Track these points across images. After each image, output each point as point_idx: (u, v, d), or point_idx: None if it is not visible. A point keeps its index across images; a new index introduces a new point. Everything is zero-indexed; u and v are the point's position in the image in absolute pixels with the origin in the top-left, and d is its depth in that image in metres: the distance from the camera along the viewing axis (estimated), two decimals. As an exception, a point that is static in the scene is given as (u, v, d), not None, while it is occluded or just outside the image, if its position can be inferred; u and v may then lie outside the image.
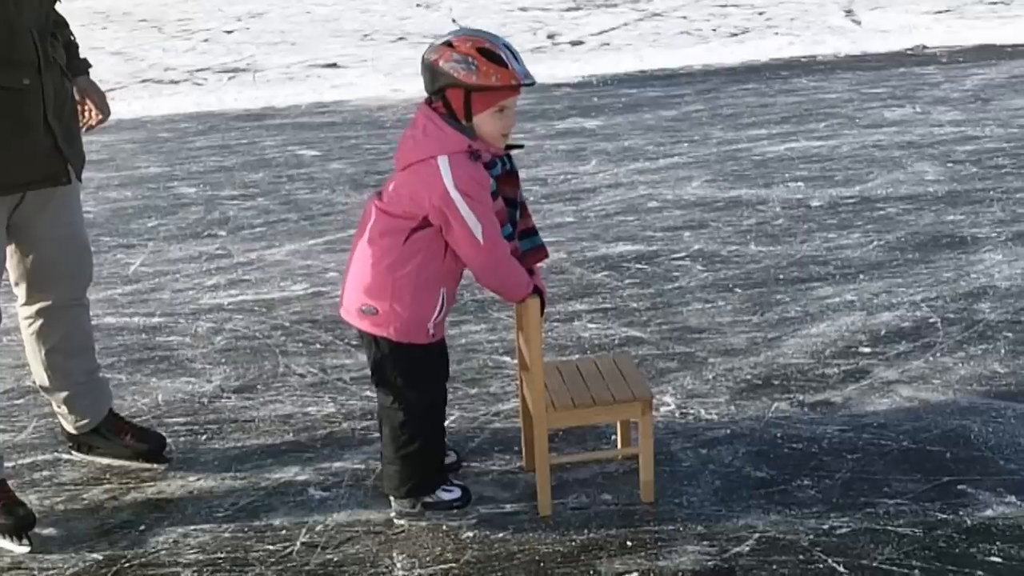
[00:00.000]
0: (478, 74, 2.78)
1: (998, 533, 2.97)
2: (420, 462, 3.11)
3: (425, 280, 2.92)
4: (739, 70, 9.83)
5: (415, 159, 2.86)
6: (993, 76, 8.79)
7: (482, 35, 2.86)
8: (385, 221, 2.92)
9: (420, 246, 2.88)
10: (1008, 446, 3.40)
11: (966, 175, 6.19)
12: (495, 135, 2.89)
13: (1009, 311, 4.37)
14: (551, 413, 3.09)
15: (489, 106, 2.83)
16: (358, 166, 7.22)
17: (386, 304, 2.92)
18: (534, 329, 3.01)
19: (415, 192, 2.86)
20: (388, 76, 10.63)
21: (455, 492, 3.21)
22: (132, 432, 3.55)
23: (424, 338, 2.99)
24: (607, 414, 3.20)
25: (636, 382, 3.21)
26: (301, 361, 4.28)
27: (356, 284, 3.00)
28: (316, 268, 5.34)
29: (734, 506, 3.17)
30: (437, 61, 2.82)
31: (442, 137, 2.83)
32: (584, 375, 3.25)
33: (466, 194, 2.80)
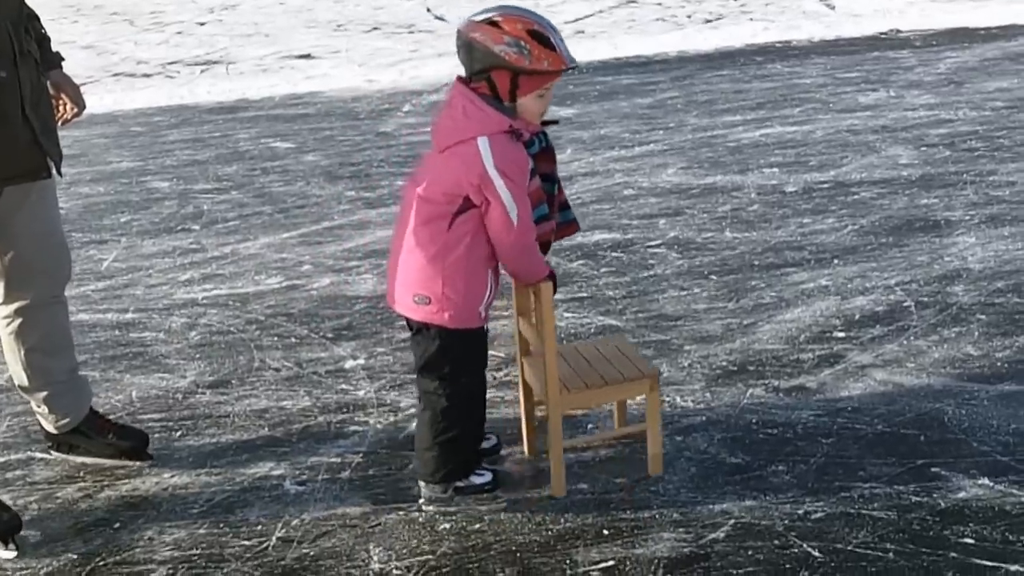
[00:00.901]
0: (531, 58, 2.76)
1: (971, 515, 2.99)
2: (458, 448, 3.11)
3: (474, 264, 2.92)
4: (714, 56, 9.85)
5: (455, 140, 2.83)
6: (966, 59, 8.83)
7: (526, 14, 2.81)
8: (427, 209, 2.89)
9: (465, 230, 2.87)
10: (981, 428, 3.42)
11: (939, 158, 6.22)
12: (535, 115, 2.88)
13: (982, 294, 4.39)
14: (564, 396, 3.12)
15: (535, 88, 2.82)
16: (332, 158, 7.19)
17: (438, 292, 2.92)
18: (548, 313, 3.01)
19: (454, 173, 2.83)
20: (362, 67, 10.58)
21: (486, 476, 3.20)
22: (114, 430, 3.51)
23: (476, 322, 3.00)
24: (617, 393, 3.25)
25: (639, 361, 3.27)
26: (276, 355, 4.26)
27: (406, 275, 2.98)
28: (291, 261, 5.31)
29: (709, 492, 3.17)
30: (484, 42, 2.77)
31: (483, 118, 2.80)
32: (587, 358, 3.29)
33: (505, 174, 2.79)
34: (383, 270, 5.09)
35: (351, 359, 4.17)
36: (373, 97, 9.09)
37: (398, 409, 3.76)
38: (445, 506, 3.16)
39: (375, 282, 4.95)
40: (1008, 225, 5.12)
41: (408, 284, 2.97)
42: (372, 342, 4.31)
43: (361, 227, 5.74)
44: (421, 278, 2.93)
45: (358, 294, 4.83)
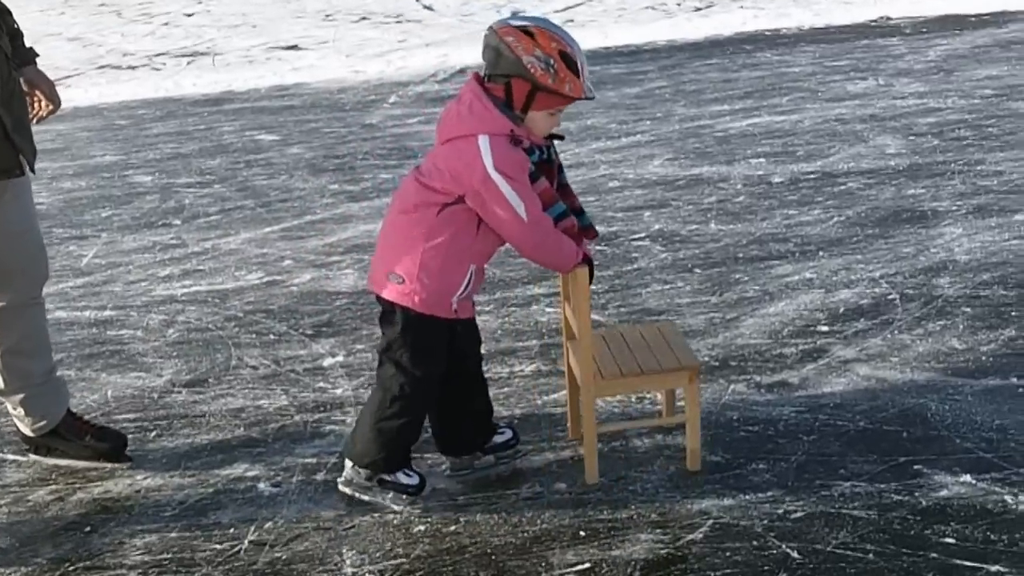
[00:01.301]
0: (555, 78, 2.79)
1: (952, 514, 2.95)
2: (395, 439, 3.08)
3: (455, 254, 2.90)
4: (703, 45, 9.78)
5: (456, 134, 2.85)
6: (956, 46, 8.77)
7: (561, 34, 2.83)
8: (422, 194, 2.89)
9: (453, 220, 2.87)
10: (964, 424, 3.38)
11: (927, 148, 6.17)
12: (542, 130, 2.90)
13: (968, 286, 4.35)
14: (599, 382, 3.10)
15: (549, 107, 2.85)
16: (317, 150, 7.12)
17: (414, 273, 2.90)
18: (583, 298, 3.00)
19: (455, 169, 2.84)
20: (349, 57, 10.49)
21: (414, 478, 3.17)
22: (92, 431, 3.46)
23: (446, 312, 2.96)
24: (654, 383, 3.23)
25: (682, 350, 3.21)
26: (254, 353, 4.20)
27: (386, 253, 2.99)
28: (272, 256, 5.25)
29: (688, 492, 3.13)
30: (516, 49, 2.78)
31: (487, 117, 2.81)
32: (630, 344, 3.26)
33: (506, 174, 2.79)
34: (365, 265, 5.04)
35: (330, 356, 4.12)
36: (359, 88, 9.02)
37: (376, 408, 3.71)
38: (360, 493, 3.13)
39: (356, 277, 4.90)
40: (995, 216, 5.07)
41: (386, 261, 2.97)
42: (351, 339, 4.26)
43: (343, 221, 5.69)
44: (399, 257, 2.92)
45: (339, 290, 4.78)
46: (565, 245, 2.94)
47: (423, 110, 8.06)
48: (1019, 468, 3.13)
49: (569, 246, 2.95)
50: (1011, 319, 4.03)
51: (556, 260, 2.99)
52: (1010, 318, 4.04)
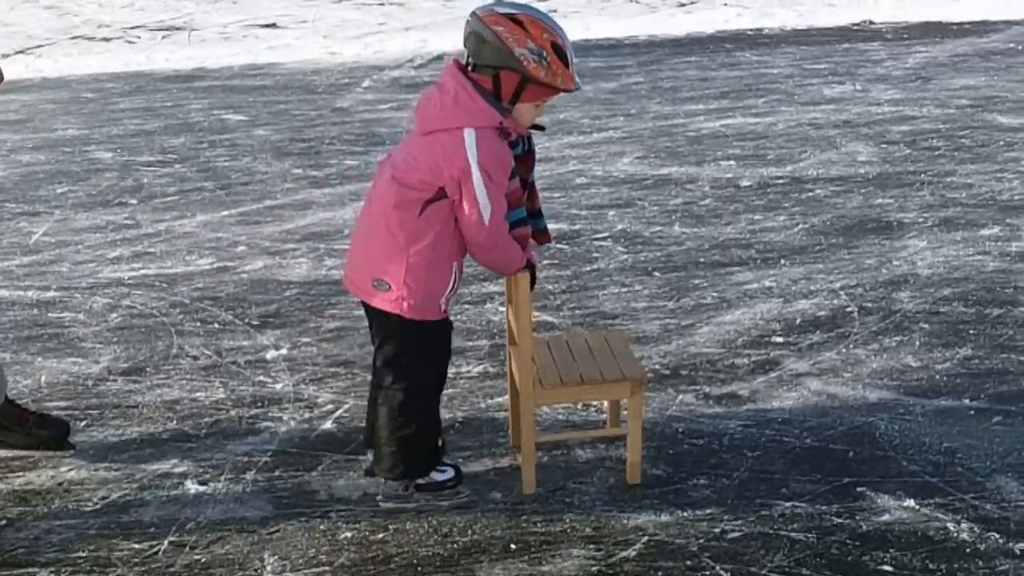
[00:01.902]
0: (548, 71, 2.69)
1: (893, 540, 2.88)
2: (417, 443, 3.01)
3: (440, 255, 2.81)
4: (684, 41, 9.69)
5: (441, 126, 2.73)
6: (936, 54, 8.72)
7: (551, 24, 2.72)
8: (399, 192, 2.77)
9: (435, 219, 2.77)
10: (912, 446, 3.31)
11: (899, 157, 6.10)
12: (528, 121, 2.80)
13: (928, 301, 4.29)
14: (538, 391, 3.02)
15: (538, 98, 2.76)
16: (284, 133, 7.00)
17: (400, 279, 2.81)
18: (524, 303, 2.92)
19: (436, 161, 2.73)
20: (326, 38, 10.36)
21: (448, 472, 3.11)
22: (33, 419, 3.34)
23: (436, 314, 2.89)
24: (595, 393, 3.13)
25: (627, 360, 3.12)
26: (196, 342, 4.10)
27: (367, 258, 2.87)
28: (225, 241, 5.14)
29: (625, 506, 3.05)
30: (507, 40, 2.66)
31: (475, 109, 2.71)
32: (574, 352, 3.16)
33: (487, 173, 2.70)
34: (320, 254, 4.94)
35: (273, 349, 4.02)
36: (334, 71, 8.89)
37: (314, 405, 3.61)
38: (404, 503, 3.05)
39: (310, 267, 4.79)
40: (961, 229, 5.01)
41: (369, 268, 2.85)
42: (298, 331, 4.16)
43: (303, 207, 5.57)
44: (383, 263, 2.81)
45: (290, 279, 4.67)
46: (512, 251, 2.87)
47: (396, 96, 7.95)
48: (964, 494, 3.06)
49: (516, 252, 2.89)
50: (968, 337, 3.97)
51: (501, 265, 2.92)
52: (967, 336, 3.98)
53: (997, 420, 3.44)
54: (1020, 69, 8.12)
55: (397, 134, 6.89)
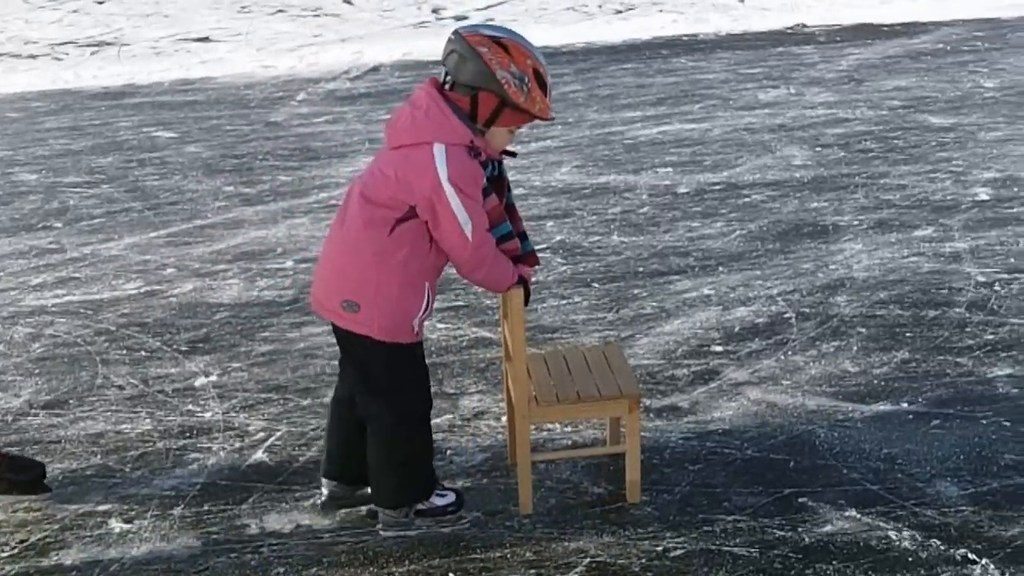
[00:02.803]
0: (527, 97, 2.67)
1: (835, 551, 2.85)
2: (413, 468, 2.95)
3: (411, 275, 2.73)
4: (621, 48, 9.70)
5: (410, 141, 2.67)
6: (868, 56, 8.81)
7: (533, 51, 2.70)
8: (369, 210, 2.70)
9: (406, 239, 2.70)
10: (852, 453, 3.29)
11: (833, 159, 6.13)
12: (500, 145, 2.76)
13: (864, 304, 4.29)
14: (534, 408, 2.96)
15: (514, 123, 2.73)
16: (215, 149, 6.86)
17: (369, 300, 2.72)
18: (517, 319, 2.87)
19: (405, 177, 2.66)
20: (260, 51, 10.20)
21: (448, 496, 3.03)
22: (5, 462, 3.16)
23: (409, 337, 2.80)
24: (592, 411, 3.07)
25: (624, 377, 3.06)
26: (122, 371, 3.96)
27: (336, 278, 2.78)
28: (153, 264, 5.00)
29: (567, 527, 2.99)
30: (490, 62, 2.63)
31: (445, 124, 2.65)
32: (571, 368, 3.11)
33: (459, 188, 2.63)
34: (252, 274, 4.83)
35: (202, 376, 3.90)
36: (267, 84, 8.75)
37: (245, 434, 3.51)
38: (405, 530, 2.95)
39: (241, 288, 4.68)
40: (895, 231, 5.03)
41: (338, 288, 2.76)
42: (228, 356, 4.04)
43: (235, 226, 5.45)
44: (353, 283, 2.73)
45: (221, 301, 4.55)
46: (503, 266, 2.81)
47: (331, 108, 7.83)
48: (904, 501, 3.05)
49: (506, 267, 2.82)
50: (905, 340, 3.97)
51: (492, 281, 2.84)
52: (904, 339, 3.98)
53: (935, 424, 3.44)
54: (950, 69, 8.22)
55: (332, 148, 6.79)
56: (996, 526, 2.93)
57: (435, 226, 2.68)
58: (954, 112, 7.02)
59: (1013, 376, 3.70)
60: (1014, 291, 4.36)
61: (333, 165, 6.42)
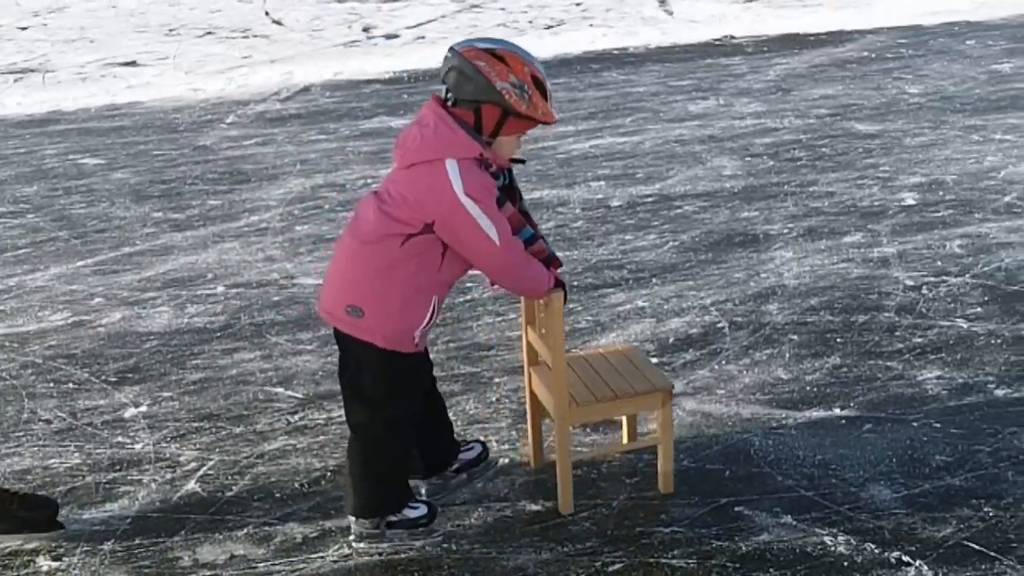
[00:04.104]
0: (529, 104, 2.72)
1: (772, 559, 2.87)
2: (389, 478, 2.97)
3: (417, 286, 2.76)
4: (552, 63, 9.72)
5: (421, 159, 2.69)
6: (795, 66, 8.95)
7: (529, 59, 2.75)
8: (384, 223, 2.72)
9: (417, 251, 2.73)
10: (787, 460, 3.32)
11: (763, 169, 6.21)
12: (508, 153, 2.81)
13: (796, 311, 4.34)
14: (574, 409, 3.01)
15: (519, 131, 2.78)
16: (143, 175, 6.74)
17: (374, 307, 2.75)
18: (557, 324, 2.90)
19: (420, 197, 2.68)
20: (189, 74, 10.08)
21: (420, 509, 3.04)
22: (17, 500, 3.05)
23: (409, 347, 2.82)
24: (628, 406, 3.14)
25: (652, 372, 3.16)
26: (49, 404, 3.87)
27: (343, 284, 2.81)
28: (81, 294, 4.89)
29: (505, 546, 2.97)
30: (488, 75, 2.67)
31: (454, 140, 2.69)
32: (597, 369, 3.18)
33: (476, 199, 2.67)
34: (181, 301, 4.75)
35: (132, 407, 3.82)
36: (196, 107, 8.63)
37: (177, 464, 3.44)
38: (377, 542, 2.96)
39: (171, 315, 4.60)
40: (825, 238, 5.10)
41: (344, 294, 2.79)
42: (158, 385, 3.97)
43: (164, 253, 5.36)
44: (359, 289, 2.76)
45: (150, 330, 4.47)
46: (537, 269, 2.84)
47: (262, 130, 7.76)
48: (839, 506, 3.08)
49: (540, 270, 2.85)
50: (836, 346, 4.02)
51: (528, 285, 2.86)
52: (835, 345, 4.03)
53: (867, 428, 3.48)
54: (875, 77, 8.39)
55: (263, 170, 6.72)
56: (929, 527, 2.97)
57: (458, 241, 2.71)
58: (880, 119, 7.16)
59: (942, 378, 3.76)
60: (941, 294, 4.44)
61: (264, 188, 6.35)
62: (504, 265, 2.76)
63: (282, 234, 5.55)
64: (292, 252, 5.29)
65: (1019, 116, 7.03)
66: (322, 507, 3.18)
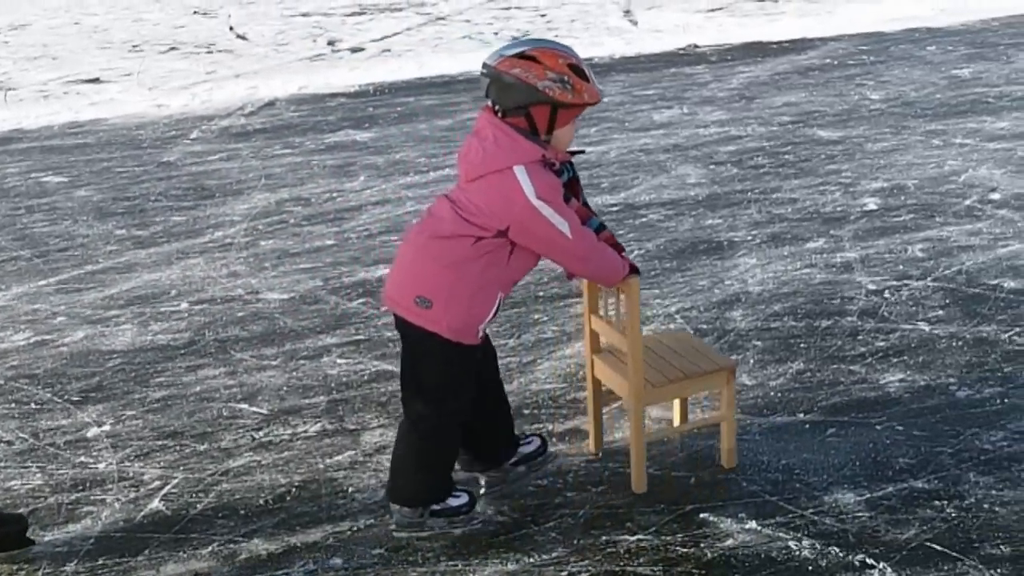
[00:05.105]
0: (573, 92, 2.79)
1: (737, 564, 2.88)
2: (439, 469, 3.07)
3: (486, 282, 2.86)
4: (517, 74, 9.75)
5: (488, 170, 2.78)
6: (758, 74, 9.02)
7: (560, 48, 2.84)
8: (459, 224, 2.82)
9: (488, 249, 2.83)
10: (751, 466, 3.33)
11: (727, 176, 6.25)
12: (566, 143, 2.90)
13: (759, 318, 4.36)
14: (649, 391, 3.14)
15: (571, 119, 2.86)
16: (106, 192, 6.70)
17: (443, 299, 2.84)
18: (635, 307, 3.02)
19: (494, 206, 2.79)
20: (152, 90, 10.02)
21: (462, 498, 3.13)
22: None
23: (472, 339, 2.92)
24: (697, 386, 3.24)
25: (713, 353, 3.31)
26: (11, 425, 3.82)
27: (412, 277, 2.89)
28: (43, 313, 4.84)
29: (471, 559, 2.96)
30: (526, 78, 2.75)
31: (516, 147, 2.78)
32: (659, 353, 3.29)
33: (548, 200, 2.77)
34: (145, 319, 4.72)
35: (95, 426, 3.79)
36: (160, 123, 8.58)
37: (140, 483, 3.41)
38: (418, 531, 3.06)
39: (134, 333, 4.56)
40: (788, 244, 5.14)
41: (413, 285, 2.87)
42: (121, 404, 3.93)
43: (127, 270, 5.32)
44: (429, 281, 2.84)
45: (113, 348, 4.43)
46: (611, 257, 2.95)
47: (226, 145, 7.72)
48: (803, 511, 3.10)
49: (615, 257, 2.96)
50: (799, 351, 4.05)
51: (605, 272, 2.97)
52: (798, 350, 4.06)
53: (831, 432, 3.51)
54: (837, 83, 8.47)
55: (227, 185, 6.68)
56: (892, 530, 3.00)
57: (535, 241, 2.81)
58: (842, 125, 7.23)
59: (904, 381, 3.80)
60: (903, 297, 4.49)
61: (228, 203, 6.32)
62: (580, 257, 2.87)
63: (247, 249, 5.52)
64: (257, 267, 5.27)
65: (979, 120, 7.12)
66: (287, 523, 3.16)
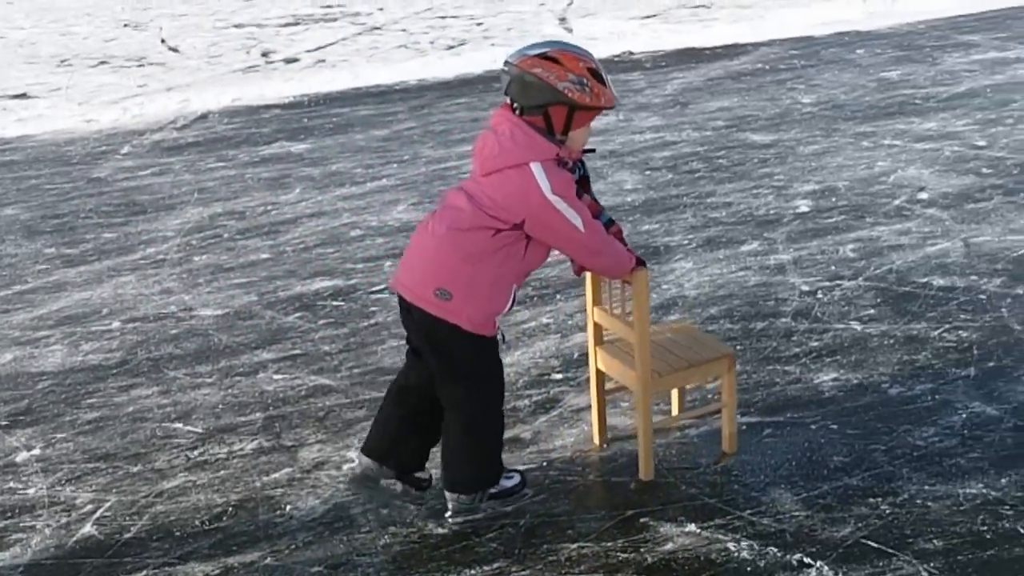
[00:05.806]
0: (591, 95, 2.87)
1: (677, 568, 2.89)
2: (492, 453, 3.12)
3: (504, 273, 2.93)
4: (453, 83, 9.76)
5: (504, 164, 2.84)
6: (692, 79, 9.11)
7: (582, 53, 2.91)
8: (478, 216, 2.87)
9: (506, 242, 2.89)
10: (690, 469, 3.35)
11: (662, 182, 6.30)
12: (581, 144, 2.97)
13: (696, 321, 4.40)
14: (656, 380, 3.22)
15: (587, 121, 2.94)
16: (35, 210, 6.56)
17: (463, 291, 2.89)
18: (643, 299, 3.10)
19: (510, 199, 2.85)
20: (82, 105, 9.84)
21: (515, 478, 3.24)
22: None
23: (491, 330, 2.98)
24: (701, 373, 3.34)
25: (712, 341, 3.45)
26: (-66, 453, 3.71)
27: (431, 269, 2.92)
28: (-32, 336, 4.72)
29: (412, 572, 2.94)
30: (547, 79, 2.82)
31: (532, 144, 2.85)
32: (661, 343, 3.37)
33: (562, 195, 2.84)
34: (75, 339, 4.62)
35: (24, 450, 3.69)
36: (90, 139, 8.43)
37: (72, 507, 3.33)
38: (473, 514, 3.13)
39: (64, 354, 4.46)
40: (723, 248, 5.19)
41: (433, 277, 2.90)
42: (52, 427, 3.84)
43: (57, 290, 5.20)
44: (447, 275, 2.89)
45: (43, 370, 4.33)
46: (620, 250, 3.04)
47: (158, 160, 7.61)
48: (740, 512, 3.12)
49: (623, 250, 3.05)
50: (735, 353, 4.08)
51: (615, 264, 3.05)
52: (735, 352, 4.09)
53: (768, 432, 3.54)
54: (769, 88, 8.58)
55: (159, 200, 6.58)
56: (828, 528, 3.03)
57: (549, 234, 2.88)
58: (774, 129, 7.32)
59: (837, 380, 3.85)
60: (836, 298, 4.55)
61: (161, 218, 6.22)
62: (592, 251, 2.95)
63: (180, 265, 5.44)
64: (190, 283, 5.18)
65: (907, 122, 7.26)
66: (224, 544, 3.11)
